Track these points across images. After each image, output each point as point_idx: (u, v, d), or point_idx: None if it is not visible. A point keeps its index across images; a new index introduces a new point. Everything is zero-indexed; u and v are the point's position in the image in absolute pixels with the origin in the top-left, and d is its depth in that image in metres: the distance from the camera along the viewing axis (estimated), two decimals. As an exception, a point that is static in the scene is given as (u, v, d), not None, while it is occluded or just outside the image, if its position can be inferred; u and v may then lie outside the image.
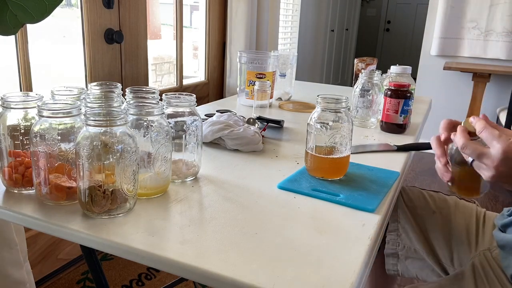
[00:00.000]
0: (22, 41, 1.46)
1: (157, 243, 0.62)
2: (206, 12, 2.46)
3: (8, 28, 0.66)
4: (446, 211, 1.10)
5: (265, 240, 0.64)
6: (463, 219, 1.08)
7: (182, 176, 0.85)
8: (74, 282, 1.67)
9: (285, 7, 3.82)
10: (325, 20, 4.96)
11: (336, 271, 0.58)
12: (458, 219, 1.08)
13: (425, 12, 3.68)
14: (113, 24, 1.80)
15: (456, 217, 1.09)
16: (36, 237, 1.60)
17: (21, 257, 1.30)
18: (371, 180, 0.89)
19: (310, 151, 0.87)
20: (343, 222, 0.71)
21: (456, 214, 1.09)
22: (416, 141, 1.24)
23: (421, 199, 1.14)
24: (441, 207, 1.11)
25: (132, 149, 0.68)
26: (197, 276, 0.58)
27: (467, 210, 1.10)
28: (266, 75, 1.55)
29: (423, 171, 3.23)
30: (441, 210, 1.11)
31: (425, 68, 3.70)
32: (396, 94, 1.23)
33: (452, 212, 1.10)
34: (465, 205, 1.11)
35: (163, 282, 1.68)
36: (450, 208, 1.11)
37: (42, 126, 0.70)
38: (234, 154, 1.02)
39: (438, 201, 1.13)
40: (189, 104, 0.83)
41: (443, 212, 1.10)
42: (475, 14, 3.43)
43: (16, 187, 0.77)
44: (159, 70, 2.52)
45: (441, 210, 1.11)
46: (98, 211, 0.68)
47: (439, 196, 1.14)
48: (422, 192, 1.16)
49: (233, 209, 0.74)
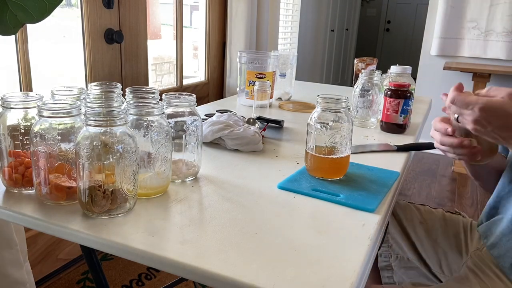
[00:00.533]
0: (22, 41, 1.46)
1: (157, 243, 0.62)
2: (206, 12, 2.46)
3: (8, 28, 0.66)
4: (433, 222, 1.13)
5: (265, 240, 0.64)
6: (451, 230, 1.11)
7: (182, 176, 0.85)
8: (74, 282, 1.67)
9: (285, 7, 3.82)
10: (325, 20, 4.96)
11: (336, 271, 0.58)
12: (446, 229, 1.11)
13: (425, 12, 3.68)
14: (113, 24, 1.80)
15: (444, 228, 1.12)
16: (36, 237, 1.60)
17: (21, 257, 1.30)
18: (371, 180, 0.89)
19: (310, 151, 0.87)
20: (343, 222, 0.71)
21: (443, 225, 1.12)
22: (416, 141, 1.24)
23: (408, 210, 1.16)
24: (427, 219, 1.14)
25: (132, 149, 0.68)
26: (197, 276, 0.58)
27: (453, 222, 1.12)
28: (266, 75, 1.55)
29: (423, 171, 3.23)
30: (427, 221, 1.13)
31: (425, 68, 3.70)
32: (396, 94, 1.23)
33: (438, 223, 1.12)
34: (451, 217, 1.14)
35: (163, 282, 1.68)
36: (437, 219, 1.13)
37: (42, 126, 0.70)
38: (234, 154, 1.02)
39: (424, 213, 1.16)
40: (189, 104, 0.83)
41: (429, 223, 1.13)
42: (475, 14, 3.43)
43: (16, 187, 0.77)
44: (159, 70, 2.52)
45: (427, 221, 1.13)
46: (98, 211, 0.68)
47: (425, 209, 1.17)
48: (408, 205, 1.19)
49: (233, 209, 0.74)
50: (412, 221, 1.14)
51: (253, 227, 0.68)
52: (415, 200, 2.70)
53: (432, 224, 1.12)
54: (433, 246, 1.10)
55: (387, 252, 1.15)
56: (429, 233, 1.11)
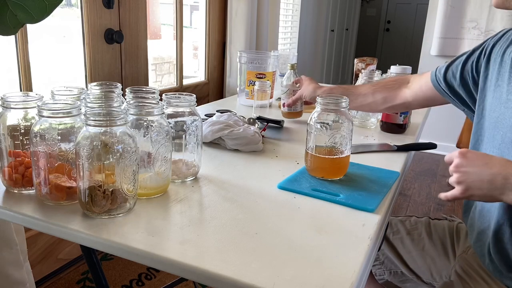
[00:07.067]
0: (22, 41, 1.46)
1: (157, 243, 0.62)
2: (206, 12, 2.46)
3: (8, 28, 0.66)
4: (419, 231, 1.14)
5: (265, 240, 0.64)
6: (436, 236, 1.12)
7: (182, 176, 0.85)
8: (74, 282, 1.67)
9: (285, 7, 3.82)
10: (325, 20, 4.95)
11: (336, 271, 0.58)
12: (432, 236, 1.12)
13: (425, 12, 3.68)
14: (113, 24, 1.80)
15: (429, 235, 1.13)
16: (36, 237, 1.60)
17: (21, 257, 1.30)
18: (371, 180, 0.88)
19: (310, 151, 0.87)
20: (343, 222, 0.71)
21: (429, 232, 1.13)
22: (416, 141, 1.24)
23: (393, 225, 1.17)
24: (414, 228, 1.15)
25: (132, 149, 0.68)
26: (197, 276, 0.58)
27: (439, 228, 1.13)
28: (266, 75, 1.55)
29: (423, 171, 3.23)
30: (414, 231, 1.14)
31: (425, 68, 3.70)
32: (396, 94, 1.23)
33: (425, 232, 1.13)
34: (437, 223, 1.15)
35: (163, 282, 1.68)
36: (423, 228, 1.14)
37: (42, 126, 0.70)
38: (234, 154, 1.02)
39: (410, 224, 1.16)
40: (189, 104, 0.83)
41: (416, 233, 1.14)
42: (475, 14, 3.43)
43: (16, 187, 0.77)
44: (159, 70, 2.52)
45: (414, 231, 1.14)
46: (98, 211, 0.68)
47: (411, 220, 1.18)
48: (394, 218, 1.20)
49: (233, 209, 0.74)
50: (399, 234, 1.15)
51: (253, 227, 0.68)
52: (415, 200, 2.70)
53: (419, 233, 1.13)
54: (421, 255, 1.11)
55: (381, 270, 1.16)
56: (416, 242, 1.12)
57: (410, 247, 1.12)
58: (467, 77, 0.96)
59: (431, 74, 1.04)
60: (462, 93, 0.98)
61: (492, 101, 0.87)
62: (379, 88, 1.12)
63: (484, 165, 0.71)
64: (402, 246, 1.13)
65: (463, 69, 0.96)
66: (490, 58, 0.90)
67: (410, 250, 1.12)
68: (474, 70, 0.94)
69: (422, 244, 1.11)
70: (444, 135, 3.39)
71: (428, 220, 1.16)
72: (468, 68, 0.95)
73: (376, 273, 1.17)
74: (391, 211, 0.86)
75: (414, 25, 6.67)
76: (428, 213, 2.53)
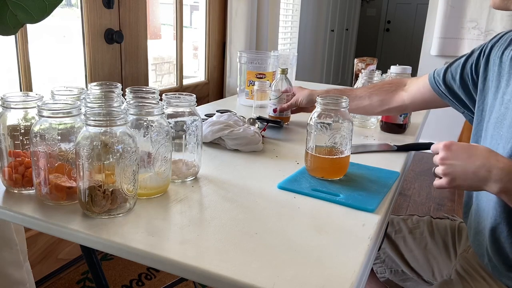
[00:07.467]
0: (22, 41, 1.46)
1: (157, 243, 0.62)
2: (206, 12, 2.46)
3: (8, 28, 0.66)
4: (421, 230, 1.14)
5: (265, 240, 0.64)
6: (438, 235, 1.12)
7: (182, 176, 0.85)
8: (74, 282, 1.67)
9: (285, 7, 3.82)
10: (325, 20, 4.95)
11: (336, 271, 0.58)
12: (434, 236, 1.12)
13: (425, 12, 3.68)
14: (113, 24, 1.80)
15: (431, 234, 1.13)
16: (36, 237, 1.60)
17: (21, 257, 1.30)
18: (371, 180, 0.89)
19: (310, 151, 0.87)
20: (343, 222, 0.71)
21: (431, 231, 1.13)
22: (416, 141, 1.24)
23: (395, 224, 1.17)
24: (416, 227, 1.15)
25: (132, 149, 0.68)
26: (197, 276, 0.58)
27: (441, 227, 1.13)
28: (266, 75, 1.55)
29: (423, 171, 3.23)
30: (416, 229, 1.14)
31: (425, 68, 3.70)
32: (396, 94, 1.23)
33: (427, 230, 1.13)
34: (439, 222, 1.15)
35: (163, 282, 1.68)
36: (425, 227, 1.14)
37: (42, 126, 0.70)
38: (234, 154, 1.02)
39: (412, 223, 1.16)
40: (189, 104, 0.83)
41: (418, 231, 1.14)
42: (475, 14, 3.43)
43: (16, 187, 0.77)
44: (159, 70, 2.52)
45: (416, 229, 1.14)
46: (98, 211, 0.68)
47: (413, 219, 1.18)
48: (396, 217, 1.20)
49: (233, 209, 0.74)
50: (401, 232, 1.15)
51: (253, 227, 0.68)
52: (415, 200, 2.70)
53: (421, 232, 1.13)
54: (423, 253, 1.11)
55: (382, 268, 1.16)
56: (418, 241, 1.12)
57: (412, 246, 1.12)
58: (466, 78, 0.96)
59: (429, 77, 1.05)
60: (461, 95, 0.98)
61: (491, 102, 0.87)
62: (376, 90, 1.12)
63: (468, 158, 0.73)
64: (404, 245, 1.13)
65: (463, 71, 0.97)
66: (489, 60, 0.91)
67: (412, 248, 1.12)
68: (473, 72, 0.94)
69: (424, 243, 1.11)
70: (444, 135, 3.39)
71: (430, 219, 1.16)
72: (467, 69, 0.96)
73: (377, 271, 1.17)
74: (391, 211, 0.86)
75: (414, 25, 6.67)
76: (428, 213, 2.53)
